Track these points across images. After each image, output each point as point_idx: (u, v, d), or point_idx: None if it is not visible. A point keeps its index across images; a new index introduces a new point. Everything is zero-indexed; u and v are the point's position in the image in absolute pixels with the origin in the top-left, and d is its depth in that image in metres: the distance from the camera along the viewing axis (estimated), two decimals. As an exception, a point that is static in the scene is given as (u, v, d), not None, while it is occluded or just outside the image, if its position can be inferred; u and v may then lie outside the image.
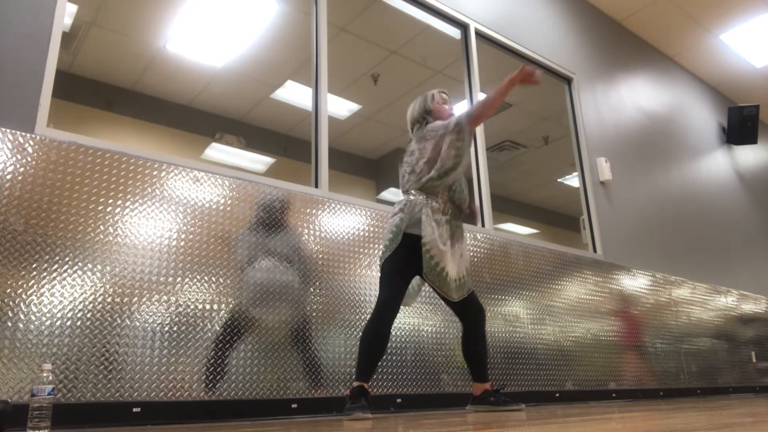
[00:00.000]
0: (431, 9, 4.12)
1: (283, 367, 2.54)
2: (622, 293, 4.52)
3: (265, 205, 2.73)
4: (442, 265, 2.36)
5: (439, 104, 2.61)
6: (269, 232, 2.70)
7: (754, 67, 6.77)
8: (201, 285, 2.40)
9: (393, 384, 2.86)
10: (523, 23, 4.77)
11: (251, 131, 4.80)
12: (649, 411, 2.19)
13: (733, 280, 6.06)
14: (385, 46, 4.39)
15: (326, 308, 2.77)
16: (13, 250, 2.01)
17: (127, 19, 3.58)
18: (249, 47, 4.07)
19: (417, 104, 2.65)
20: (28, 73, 2.25)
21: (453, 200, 2.51)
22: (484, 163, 3.99)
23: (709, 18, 5.90)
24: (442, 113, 2.60)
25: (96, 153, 2.29)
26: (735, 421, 1.39)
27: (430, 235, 2.36)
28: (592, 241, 4.60)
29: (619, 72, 5.67)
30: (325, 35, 3.38)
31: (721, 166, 6.82)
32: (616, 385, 4.13)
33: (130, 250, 2.26)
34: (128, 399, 2.10)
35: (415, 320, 3.08)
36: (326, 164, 3.13)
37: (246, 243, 2.61)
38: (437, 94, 2.65)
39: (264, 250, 2.65)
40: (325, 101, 3.24)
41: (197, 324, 2.35)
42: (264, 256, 2.65)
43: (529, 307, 3.74)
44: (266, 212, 2.73)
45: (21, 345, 1.95)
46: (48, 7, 2.37)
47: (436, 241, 2.36)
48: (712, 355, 5.26)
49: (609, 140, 5.15)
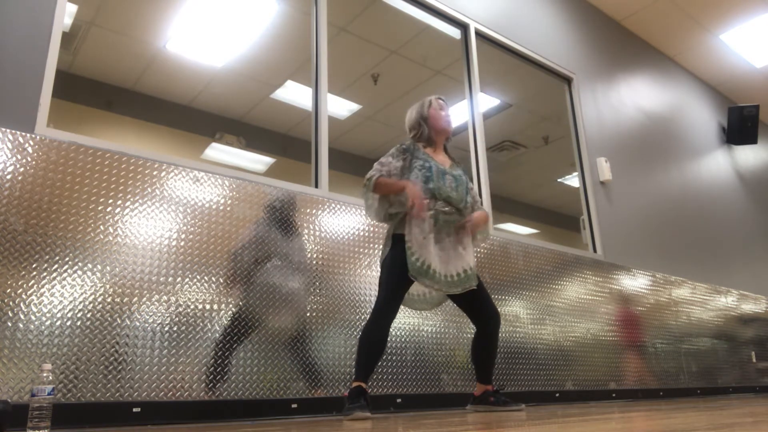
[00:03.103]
0: (431, 9, 4.12)
1: (283, 367, 2.54)
2: (622, 293, 4.52)
3: (266, 206, 2.73)
4: (422, 259, 2.34)
5: (435, 111, 2.64)
6: (270, 233, 2.70)
7: (754, 67, 6.77)
8: (201, 285, 2.40)
9: (393, 384, 2.86)
10: (523, 23, 4.77)
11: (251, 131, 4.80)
12: (649, 411, 2.19)
13: (733, 280, 6.06)
14: (385, 46, 4.39)
15: (326, 308, 2.77)
16: (13, 250, 2.01)
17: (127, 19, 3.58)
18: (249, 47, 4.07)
19: (414, 110, 2.68)
20: (28, 73, 2.25)
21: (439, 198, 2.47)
22: (484, 163, 3.99)
23: (709, 18, 5.90)
24: (438, 120, 2.63)
25: (96, 153, 2.29)
26: (735, 421, 1.39)
27: (408, 233, 2.38)
28: (592, 241, 4.60)
29: (619, 72, 5.67)
30: (325, 35, 3.38)
31: (721, 166, 6.82)
32: (616, 385, 4.13)
33: (130, 250, 2.26)
34: (128, 399, 2.10)
35: (415, 320, 3.08)
36: (326, 164, 3.13)
37: (247, 243, 2.61)
38: (434, 100, 2.67)
39: (264, 250, 2.65)
40: (325, 101, 3.24)
41: (197, 324, 2.35)
42: (263, 256, 2.65)
43: (529, 307, 3.74)
44: (267, 212, 2.73)
45: (21, 345, 1.95)
46: (48, 7, 2.37)
47: (416, 237, 2.36)
48: (712, 355, 5.26)
49: (609, 140, 5.15)
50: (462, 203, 2.54)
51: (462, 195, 2.55)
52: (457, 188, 2.54)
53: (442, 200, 2.47)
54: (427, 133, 2.62)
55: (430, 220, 2.41)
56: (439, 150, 2.66)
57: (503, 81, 4.92)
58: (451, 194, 2.50)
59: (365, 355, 2.28)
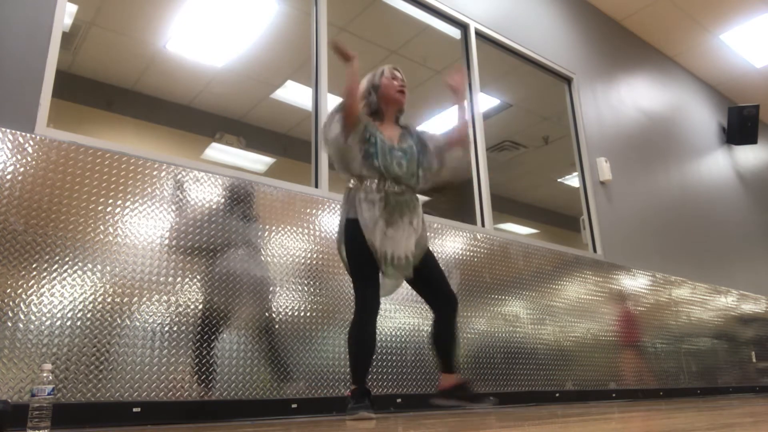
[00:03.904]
0: (431, 9, 4.12)
1: (283, 367, 2.54)
2: (622, 293, 4.52)
3: (264, 204, 2.73)
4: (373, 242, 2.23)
5: (387, 79, 2.46)
6: (270, 231, 2.70)
7: (754, 67, 6.77)
8: (201, 285, 2.40)
9: (393, 384, 2.86)
10: (523, 23, 4.77)
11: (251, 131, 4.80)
12: (649, 411, 2.19)
13: (733, 280, 6.06)
14: (385, 46, 4.38)
15: (326, 308, 2.77)
16: (13, 250, 2.01)
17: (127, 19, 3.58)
18: (249, 47, 4.07)
19: (365, 80, 2.49)
20: (28, 73, 2.25)
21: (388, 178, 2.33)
22: (484, 163, 3.99)
23: (709, 18, 5.90)
24: (389, 89, 2.45)
25: (96, 153, 2.29)
26: (735, 421, 1.39)
27: (361, 216, 2.26)
28: (592, 241, 4.60)
29: (619, 72, 5.67)
30: (325, 35, 3.38)
31: (721, 166, 6.82)
32: (616, 385, 4.13)
33: (130, 250, 2.26)
34: (128, 399, 2.10)
35: (415, 320, 3.08)
36: (326, 164, 3.13)
37: (245, 241, 2.61)
38: (387, 69, 2.50)
39: (264, 250, 2.65)
40: (325, 101, 3.24)
41: (197, 324, 2.34)
42: (262, 254, 2.65)
43: (529, 307, 3.74)
44: (268, 212, 2.73)
45: (21, 345, 1.95)
46: (48, 7, 2.37)
47: (366, 224, 2.25)
48: (712, 355, 5.26)
49: (609, 140, 5.15)
50: (413, 179, 2.40)
51: (412, 169, 2.40)
52: (407, 164, 2.38)
53: (390, 179, 2.33)
54: (376, 103, 2.44)
55: (380, 203, 2.28)
56: (389, 122, 2.47)
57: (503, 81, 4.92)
58: (398, 172, 2.34)
59: (355, 357, 2.20)
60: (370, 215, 2.25)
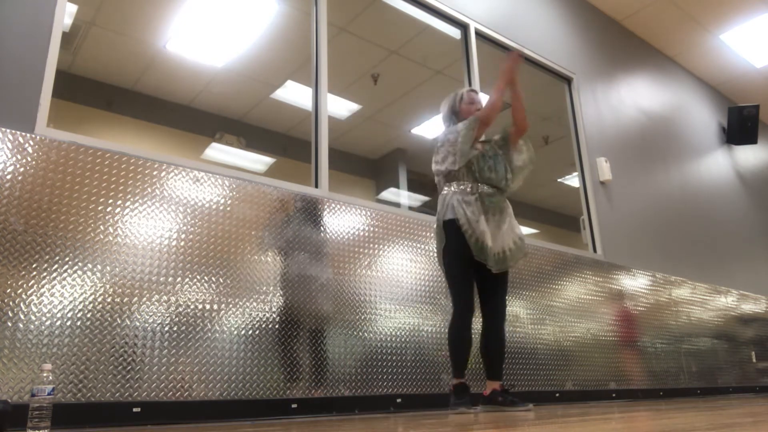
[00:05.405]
0: (431, 9, 4.12)
1: (283, 367, 2.54)
2: (622, 293, 4.52)
3: (266, 206, 2.73)
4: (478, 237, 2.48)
5: (466, 105, 2.74)
6: (272, 232, 2.70)
7: (754, 67, 6.77)
8: (201, 285, 2.40)
9: (393, 384, 2.86)
10: (523, 23, 4.77)
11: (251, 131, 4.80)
12: (649, 411, 2.19)
13: (733, 280, 6.06)
14: (385, 46, 4.39)
15: (327, 308, 2.77)
16: (13, 250, 2.01)
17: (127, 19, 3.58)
18: (249, 47, 4.07)
19: (446, 105, 2.79)
20: (28, 73, 2.25)
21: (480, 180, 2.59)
22: (484, 163, 3.98)
23: (709, 18, 5.90)
24: (468, 115, 2.70)
25: (96, 153, 2.29)
26: (735, 421, 1.39)
27: (462, 215, 2.49)
28: (592, 241, 4.60)
29: (619, 72, 5.67)
30: (325, 35, 3.38)
31: (721, 166, 6.82)
32: (616, 385, 4.13)
33: (130, 250, 2.26)
34: (128, 399, 2.10)
35: (415, 320, 3.08)
36: (326, 164, 3.13)
37: (247, 242, 2.61)
38: (465, 94, 2.77)
39: (263, 249, 2.65)
40: (325, 101, 3.24)
41: (197, 324, 2.35)
42: (262, 255, 2.65)
43: (529, 307, 3.74)
44: (267, 212, 2.73)
45: (21, 345, 1.95)
46: (48, 7, 2.37)
47: (468, 219, 2.49)
48: (712, 355, 5.26)
49: (609, 140, 5.15)
50: (503, 182, 2.66)
51: (501, 173, 2.67)
52: (495, 167, 2.65)
53: (483, 183, 2.59)
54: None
55: (477, 202, 2.53)
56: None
57: (503, 81, 4.90)
58: (491, 176, 2.62)
59: (455, 353, 2.47)
60: (471, 212, 2.52)
